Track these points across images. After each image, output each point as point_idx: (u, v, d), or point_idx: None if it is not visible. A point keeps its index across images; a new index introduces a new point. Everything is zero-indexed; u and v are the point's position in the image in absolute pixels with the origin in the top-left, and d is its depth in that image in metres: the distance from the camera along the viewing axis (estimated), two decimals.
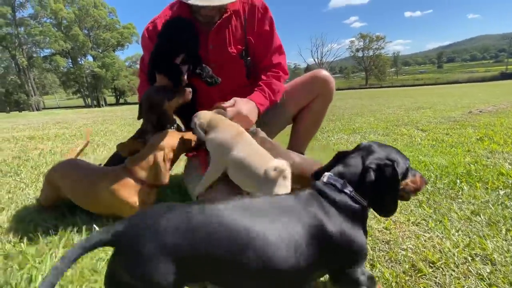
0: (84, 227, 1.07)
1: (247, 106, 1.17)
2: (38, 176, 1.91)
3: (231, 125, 1.03)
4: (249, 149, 0.98)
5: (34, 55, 36.66)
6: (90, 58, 40.14)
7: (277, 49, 1.36)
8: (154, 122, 1.20)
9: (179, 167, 1.79)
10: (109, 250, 0.90)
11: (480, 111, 4.99)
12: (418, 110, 6.08)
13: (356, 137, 3.27)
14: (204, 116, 1.04)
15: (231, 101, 1.16)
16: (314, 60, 63.34)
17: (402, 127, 3.76)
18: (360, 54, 62.89)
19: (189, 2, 1.08)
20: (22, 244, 0.96)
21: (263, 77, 1.31)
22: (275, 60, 1.34)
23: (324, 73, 1.45)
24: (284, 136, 1.73)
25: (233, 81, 1.34)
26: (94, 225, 1.06)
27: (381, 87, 47.40)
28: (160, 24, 1.28)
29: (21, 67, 33.93)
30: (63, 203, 1.39)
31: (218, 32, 1.27)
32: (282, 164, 0.92)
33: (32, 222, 1.13)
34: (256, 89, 1.28)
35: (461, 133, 3.07)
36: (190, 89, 1.17)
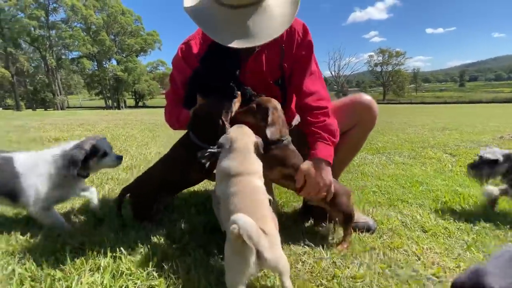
0: (109, 248, 1.02)
1: (320, 174, 1.10)
2: None
3: (245, 158, 0.94)
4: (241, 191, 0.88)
5: (63, 56, 38.71)
6: (114, 62, 41.89)
7: (313, 73, 1.27)
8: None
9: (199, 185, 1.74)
10: None
11: None
12: (443, 131, 5.83)
13: (381, 158, 3.13)
14: (237, 134, 0.99)
15: (301, 174, 1.11)
16: (331, 73, 63.09)
17: (429, 150, 3.59)
18: (378, 68, 62.16)
19: (227, 45, 1.01)
20: (48, 264, 0.92)
21: (311, 119, 1.19)
22: (313, 87, 1.25)
23: (366, 97, 1.34)
24: None
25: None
26: (122, 248, 1.02)
27: (400, 103, 46.40)
28: (194, 45, 1.25)
29: (49, 68, 35.79)
30: (90, 216, 1.37)
31: (256, 60, 1.22)
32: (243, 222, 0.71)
33: (59, 238, 1.10)
34: (315, 138, 1.16)
35: None
36: (238, 92, 1.15)
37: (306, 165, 1.12)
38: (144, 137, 4.71)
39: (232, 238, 0.71)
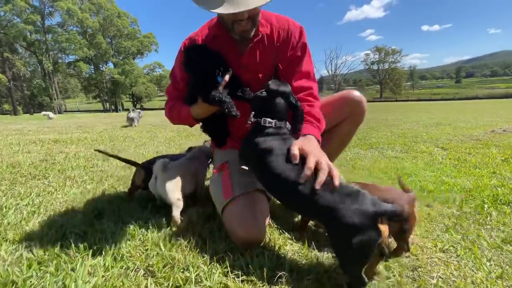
0: (110, 235, 1.10)
1: (315, 146, 1.06)
2: (65, 181, 1.98)
3: None
4: None
5: (60, 60, 38.65)
6: (111, 65, 41.86)
7: (305, 75, 1.28)
8: None
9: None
10: None
11: (504, 130, 4.80)
12: (437, 126, 5.93)
13: (374, 152, 3.22)
14: None
15: (296, 146, 1.02)
16: (328, 72, 63.27)
17: (421, 144, 3.67)
18: (375, 67, 62.41)
19: (212, 11, 1.03)
20: (54, 249, 0.99)
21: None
22: (306, 84, 1.26)
23: (356, 93, 1.40)
24: None
25: None
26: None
27: (396, 100, 46.61)
28: (194, 42, 1.28)
29: (46, 72, 35.74)
30: (91, 209, 1.44)
31: (251, 53, 1.26)
32: None
33: (63, 228, 1.17)
34: (303, 121, 1.15)
35: (485, 153, 2.96)
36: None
37: (298, 141, 1.06)
38: (141, 137, 4.78)
39: None
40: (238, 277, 0.88)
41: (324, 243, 1.11)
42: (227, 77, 1.14)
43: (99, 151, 1.66)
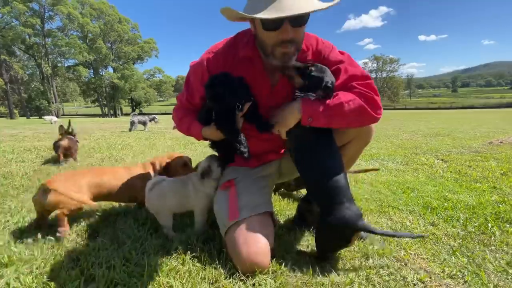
0: (104, 259, 1.05)
1: (283, 112, 1.12)
2: None
3: None
4: None
5: (59, 64, 38.63)
6: (110, 70, 41.93)
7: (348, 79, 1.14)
8: None
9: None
10: None
11: (501, 142, 4.82)
12: (436, 137, 5.94)
13: (375, 164, 3.19)
14: None
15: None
16: None
17: (421, 156, 3.66)
18: (373, 75, 63.09)
19: (256, 16, 0.94)
20: (44, 277, 0.94)
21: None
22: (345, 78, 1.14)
23: None
24: None
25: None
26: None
27: (394, 108, 46.95)
28: (218, 60, 1.17)
29: (45, 75, 35.66)
30: (85, 227, 1.38)
31: (284, 83, 1.18)
32: None
33: (53, 251, 1.12)
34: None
35: (484, 166, 2.95)
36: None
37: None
38: (140, 145, 4.72)
39: None
40: None
41: (329, 269, 1.06)
42: (246, 107, 1.10)
43: None
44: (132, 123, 7.90)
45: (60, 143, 3.07)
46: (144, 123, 8.22)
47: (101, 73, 41.55)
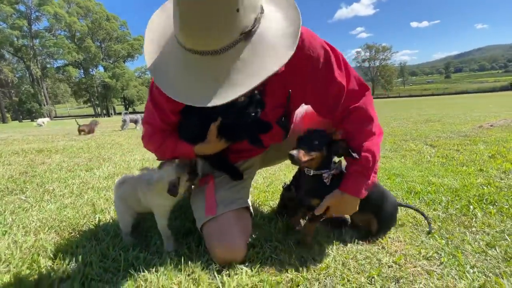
0: (80, 256, 1.04)
1: (341, 207, 1.10)
2: (43, 195, 1.91)
3: None
4: None
5: (48, 65, 37.97)
6: (101, 69, 41.34)
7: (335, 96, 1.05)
8: None
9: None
10: None
11: (491, 125, 4.86)
12: (427, 123, 5.98)
13: None
14: None
15: (323, 204, 1.08)
16: None
17: (411, 142, 3.68)
18: (366, 64, 63.04)
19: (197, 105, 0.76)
20: (23, 274, 0.94)
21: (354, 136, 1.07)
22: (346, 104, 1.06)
23: None
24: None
25: (269, 139, 1.21)
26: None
27: (388, 97, 47.09)
28: None
29: (35, 77, 35.07)
30: (65, 227, 1.38)
31: (268, 91, 1.04)
32: None
33: (31, 250, 1.11)
34: (352, 169, 1.05)
35: (472, 150, 2.98)
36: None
37: (330, 197, 1.08)
38: (129, 144, 4.69)
39: None
40: None
41: (307, 256, 1.07)
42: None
43: None
44: (124, 122, 7.86)
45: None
46: (135, 121, 8.17)
47: (92, 72, 40.94)
